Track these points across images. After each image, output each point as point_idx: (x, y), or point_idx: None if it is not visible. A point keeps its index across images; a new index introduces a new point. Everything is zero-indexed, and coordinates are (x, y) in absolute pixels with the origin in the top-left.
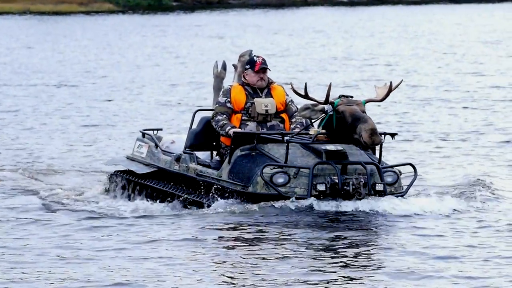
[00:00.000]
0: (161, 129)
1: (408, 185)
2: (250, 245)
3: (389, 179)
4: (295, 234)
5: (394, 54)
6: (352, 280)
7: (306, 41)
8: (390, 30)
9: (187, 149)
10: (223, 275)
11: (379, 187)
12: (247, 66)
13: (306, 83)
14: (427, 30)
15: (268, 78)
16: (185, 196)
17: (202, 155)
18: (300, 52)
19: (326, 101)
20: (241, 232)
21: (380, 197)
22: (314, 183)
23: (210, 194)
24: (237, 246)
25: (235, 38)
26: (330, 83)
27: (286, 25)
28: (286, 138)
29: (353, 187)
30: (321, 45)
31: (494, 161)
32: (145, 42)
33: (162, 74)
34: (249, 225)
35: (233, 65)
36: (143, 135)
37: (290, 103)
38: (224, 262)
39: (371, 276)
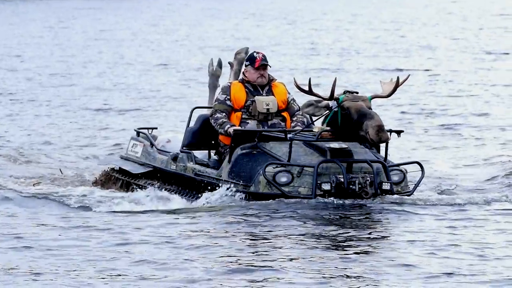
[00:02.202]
0: (156, 128)
1: (415, 184)
2: (250, 245)
3: (395, 178)
4: (299, 234)
5: (347, 39)
6: (358, 279)
7: (257, 24)
8: (344, 16)
9: (184, 148)
10: (223, 274)
11: (386, 186)
12: (247, 63)
13: (310, 78)
14: (385, 16)
15: (269, 75)
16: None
17: (200, 154)
18: (250, 36)
19: (331, 97)
20: (242, 232)
21: (387, 197)
22: (318, 182)
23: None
24: (237, 245)
25: (194, 21)
26: (335, 78)
27: (242, 9)
28: (289, 136)
29: (360, 186)
30: (268, 29)
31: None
32: (93, 26)
33: (112, 56)
34: (250, 225)
35: (229, 62)
36: (138, 133)
37: (292, 102)
38: (224, 260)
39: (377, 274)
